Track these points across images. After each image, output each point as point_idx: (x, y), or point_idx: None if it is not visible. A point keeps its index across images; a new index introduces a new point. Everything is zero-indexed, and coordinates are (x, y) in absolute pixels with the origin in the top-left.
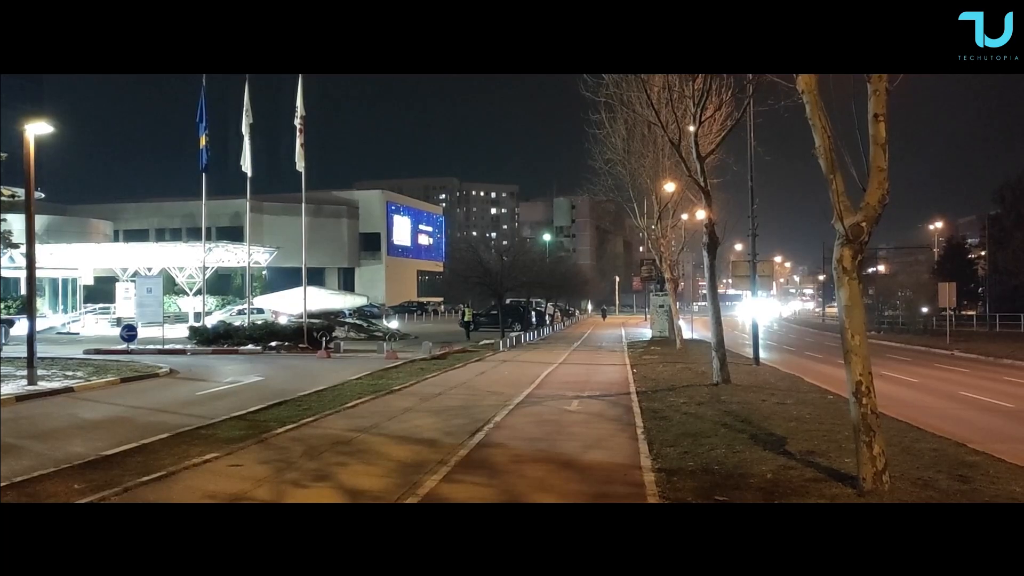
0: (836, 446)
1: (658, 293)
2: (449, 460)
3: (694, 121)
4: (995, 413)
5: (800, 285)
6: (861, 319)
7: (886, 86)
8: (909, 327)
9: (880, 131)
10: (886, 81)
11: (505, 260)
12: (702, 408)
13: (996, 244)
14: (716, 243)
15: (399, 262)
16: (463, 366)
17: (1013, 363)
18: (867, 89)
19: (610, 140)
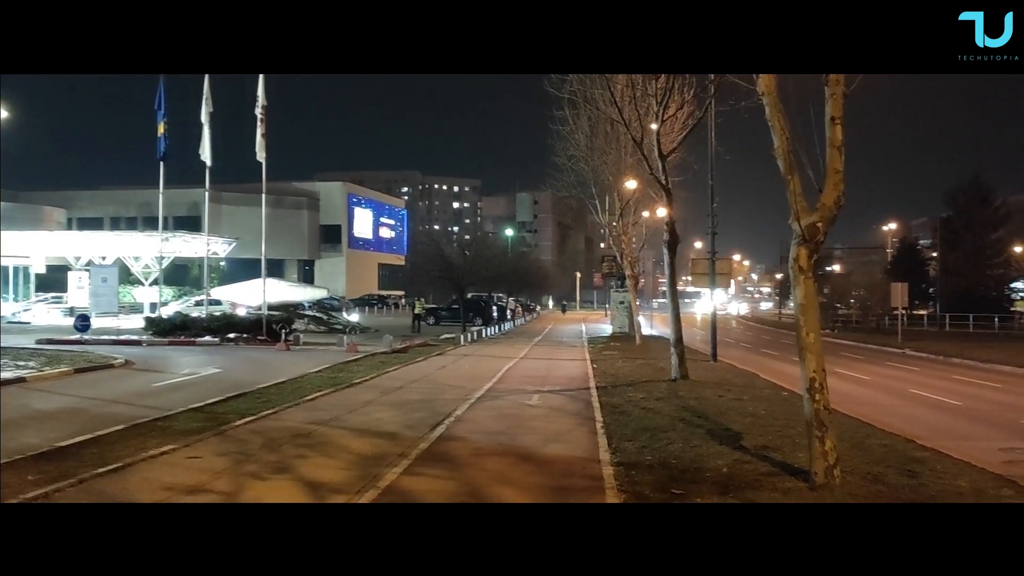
0: (790, 441)
1: (619, 289)
2: (410, 453)
3: (656, 119)
4: (944, 410)
5: (758, 283)
6: (816, 317)
7: (843, 90)
8: (862, 326)
9: (836, 134)
10: (843, 85)
11: (467, 254)
12: (660, 403)
13: (947, 246)
14: (676, 241)
15: (360, 255)
16: (424, 360)
17: (962, 362)
18: (824, 92)
19: (573, 136)
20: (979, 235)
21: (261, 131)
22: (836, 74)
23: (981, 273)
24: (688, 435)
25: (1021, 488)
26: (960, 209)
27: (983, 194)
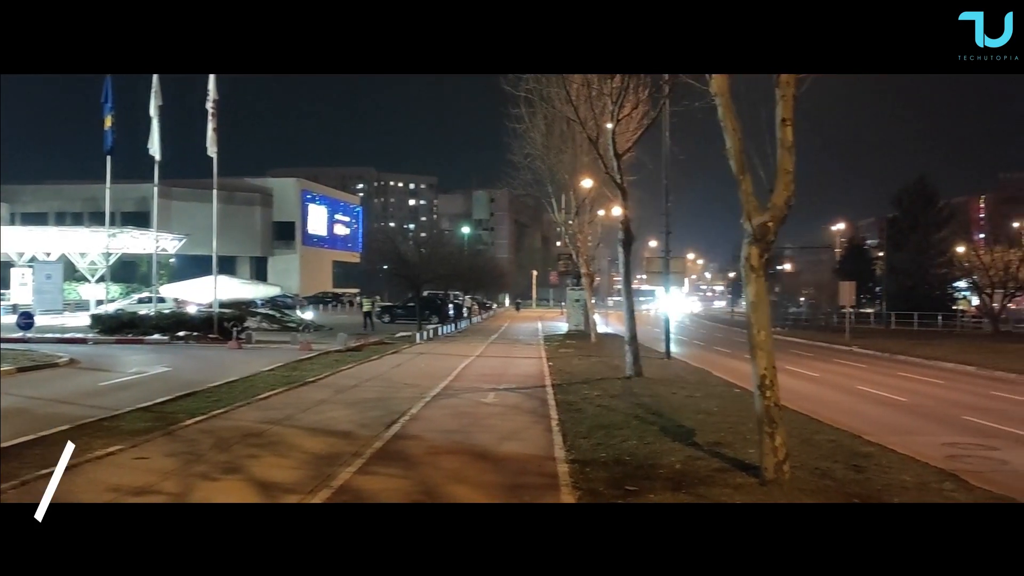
0: (741, 437)
1: (574, 287)
2: (364, 452)
3: (612, 119)
4: (889, 406)
5: (711, 282)
6: (766, 315)
7: (793, 92)
8: (812, 324)
9: (787, 135)
10: (793, 87)
11: (423, 252)
12: (615, 401)
13: (893, 246)
14: (631, 239)
15: (314, 252)
16: (379, 358)
17: (907, 359)
18: (776, 95)
19: (529, 135)
20: (924, 235)
21: (212, 125)
22: (806, 74)
23: (925, 272)
24: (642, 432)
25: (962, 482)
26: (906, 210)
27: (928, 195)
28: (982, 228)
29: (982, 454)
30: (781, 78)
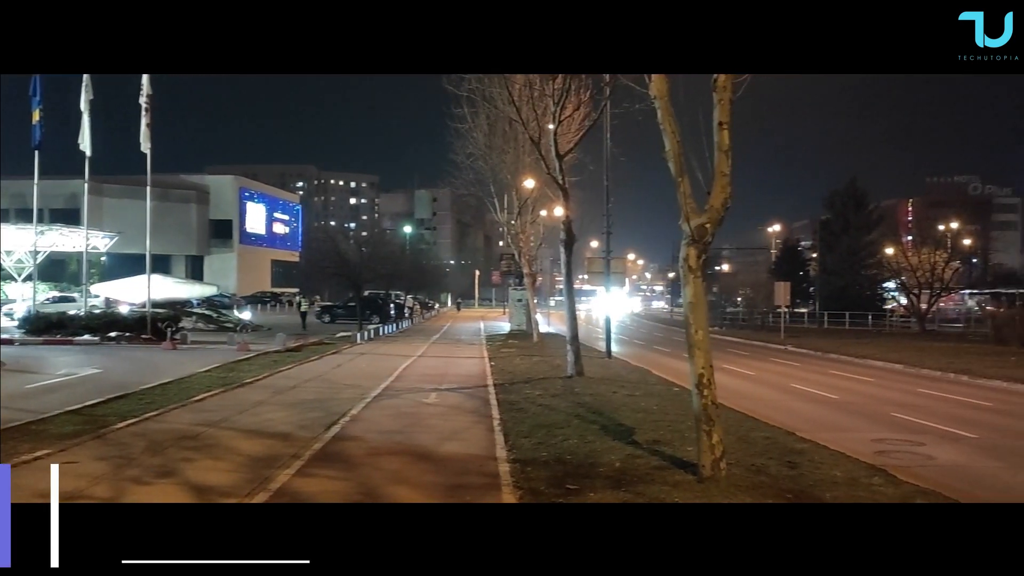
0: (679, 435)
1: (517, 287)
2: (303, 454)
3: (553, 120)
4: (822, 404)
5: (651, 282)
6: (704, 315)
7: (730, 96)
8: (748, 323)
9: (724, 138)
10: (730, 91)
11: (364, 251)
12: (556, 400)
13: (826, 247)
14: (573, 240)
15: (252, 251)
16: (319, 359)
17: (839, 358)
18: (713, 98)
19: (472, 135)
20: (855, 237)
21: (146, 121)
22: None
23: (856, 273)
24: (583, 431)
25: (890, 476)
26: (837, 212)
27: (858, 198)
28: (910, 230)
29: (909, 450)
30: (718, 82)
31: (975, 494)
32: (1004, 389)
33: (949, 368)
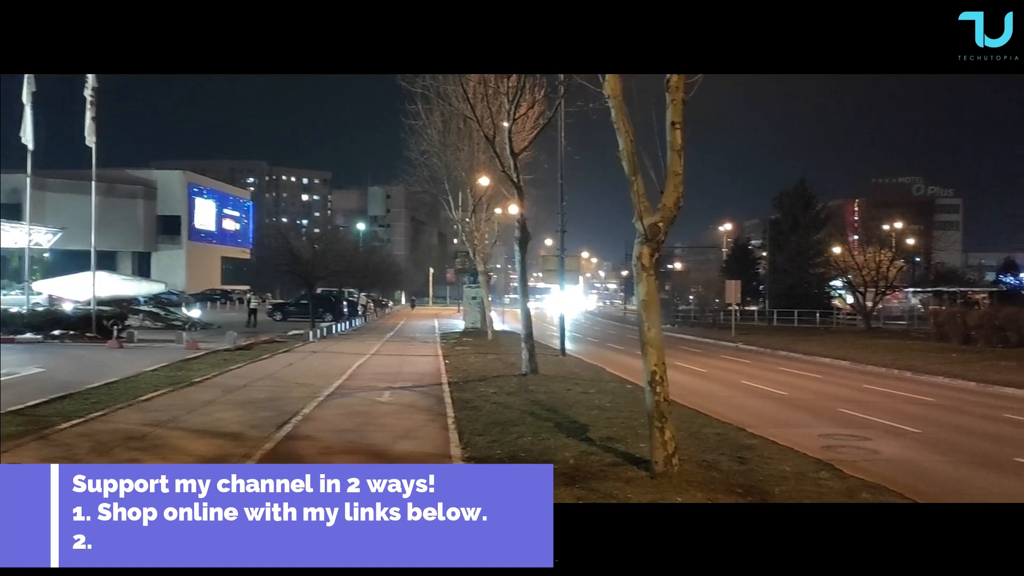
0: (633, 432)
1: (471, 285)
2: (254, 454)
3: (508, 118)
4: (771, 400)
5: (605, 280)
6: (657, 313)
7: (683, 96)
8: (700, 321)
9: (676, 138)
10: (683, 91)
11: (317, 248)
12: (511, 398)
13: (775, 246)
14: (527, 237)
15: (202, 247)
16: (270, 357)
17: (788, 354)
18: (666, 98)
19: (426, 132)
20: (803, 236)
21: (91, 114)
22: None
23: (805, 272)
24: (537, 428)
25: (837, 471)
26: (787, 212)
27: (807, 198)
28: (856, 230)
29: (855, 444)
30: (671, 82)
31: (918, 488)
32: (946, 385)
33: (893, 364)
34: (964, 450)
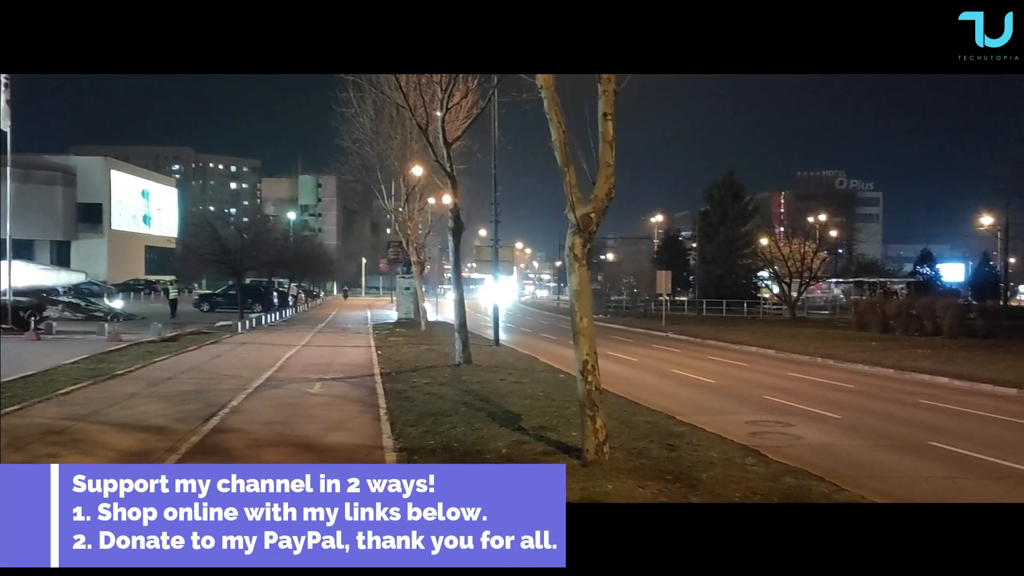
0: (565, 421)
1: (404, 275)
2: (179, 447)
3: (441, 107)
4: (700, 388)
5: (539, 271)
6: (589, 303)
7: (614, 87)
8: (632, 311)
9: (608, 129)
10: (614, 83)
11: (245, 237)
12: (444, 388)
13: (705, 237)
14: (461, 228)
15: (125, 236)
16: (197, 349)
17: (716, 344)
18: (598, 89)
19: (358, 120)
20: (731, 228)
21: (5, 97)
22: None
23: (733, 262)
24: (470, 418)
25: (762, 457)
26: (716, 204)
27: (735, 190)
28: (782, 222)
29: (780, 430)
30: (603, 74)
31: (838, 471)
32: (865, 372)
33: (816, 353)
34: (882, 434)
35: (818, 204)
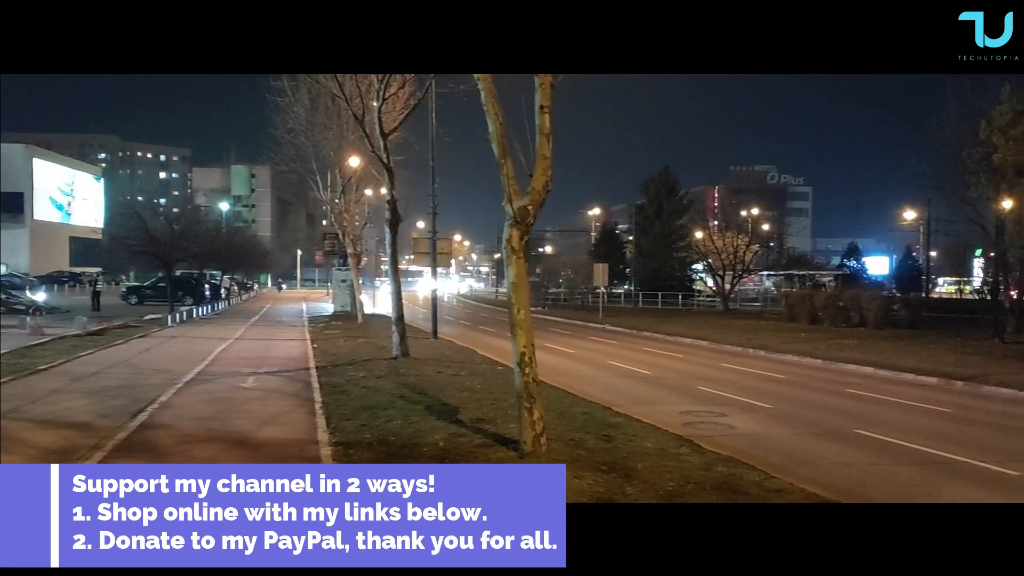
0: (503, 413)
1: (341, 268)
2: (105, 444)
3: (378, 97)
4: (636, 379)
5: (478, 263)
6: (526, 295)
7: (551, 80)
8: (570, 303)
9: (545, 122)
10: (551, 76)
11: (175, 228)
12: (381, 381)
13: (641, 230)
14: (398, 220)
15: (47, 226)
16: (125, 343)
17: (652, 335)
18: (535, 82)
19: (293, 109)
20: (667, 221)
21: None
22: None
23: (668, 255)
24: (407, 412)
25: (696, 446)
26: (651, 198)
27: (670, 185)
28: (716, 216)
29: (713, 420)
30: None
31: (769, 460)
32: (795, 363)
33: (748, 344)
34: (811, 423)
35: (751, 198)
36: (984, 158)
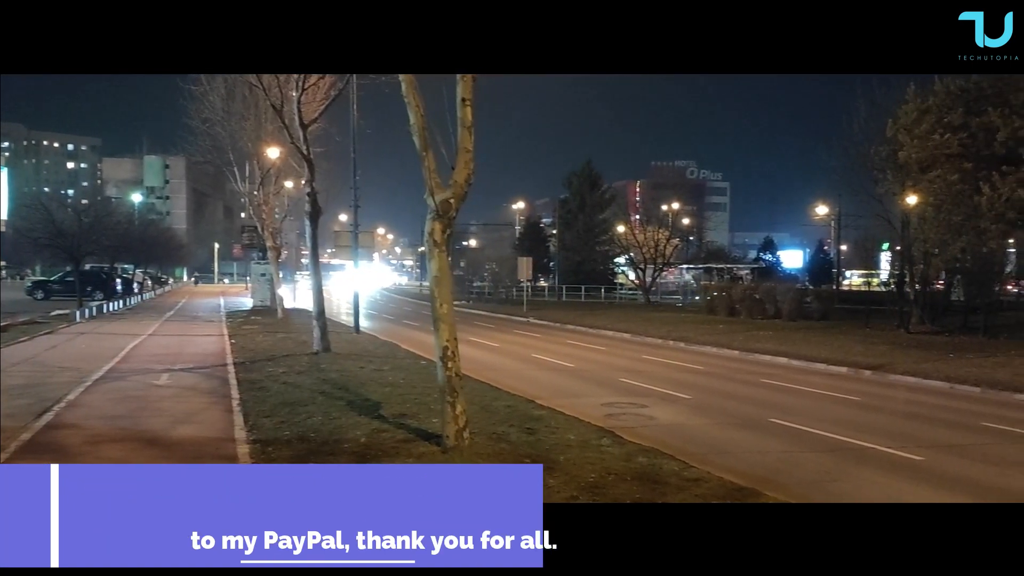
0: (426, 408)
1: (260, 261)
2: (8, 446)
3: (297, 88)
4: (559, 372)
5: (402, 256)
6: (449, 289)
7: (472, 73)
8: (494, 297)
9: (467, 114)
10: None
11: (84, 221)
12: (301, 377)
13: (564, 224)
14: (319, 212)
15: None
16: (29, 340)
17: (575, 328)
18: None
19: (208, 98)
20: (590, 215)
21: None
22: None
23: (591, 249)
24: (328, 408)
25: (617, 437)
26: (575, 192)
27: (593, 179)
28: (638, 210)
29: (634, 411)
30: None
31: (688, 449)
32: (714, 354)
33: (669, 336)
34: (729, 413)
35: (671, 193)
36: (890, 155)
